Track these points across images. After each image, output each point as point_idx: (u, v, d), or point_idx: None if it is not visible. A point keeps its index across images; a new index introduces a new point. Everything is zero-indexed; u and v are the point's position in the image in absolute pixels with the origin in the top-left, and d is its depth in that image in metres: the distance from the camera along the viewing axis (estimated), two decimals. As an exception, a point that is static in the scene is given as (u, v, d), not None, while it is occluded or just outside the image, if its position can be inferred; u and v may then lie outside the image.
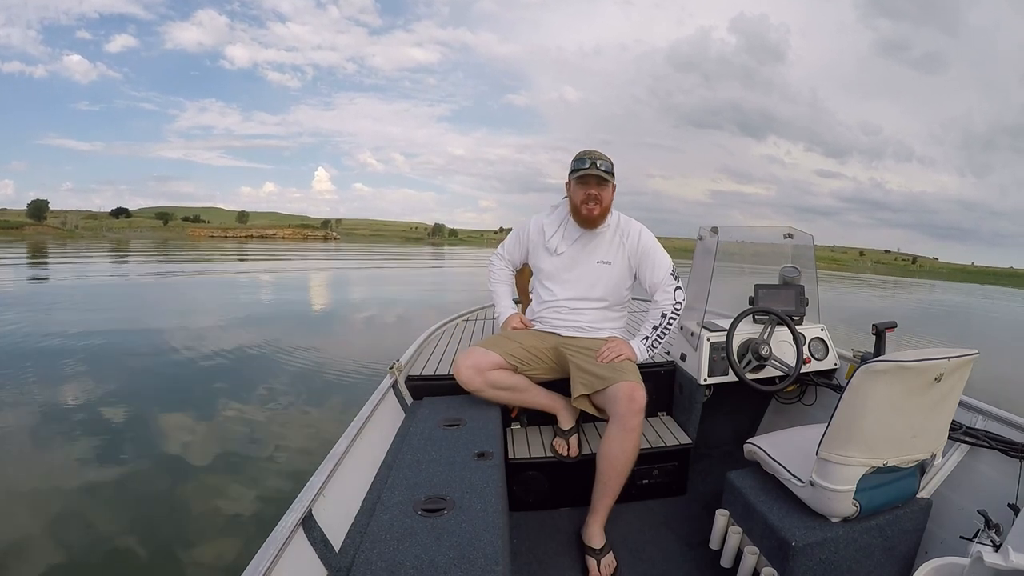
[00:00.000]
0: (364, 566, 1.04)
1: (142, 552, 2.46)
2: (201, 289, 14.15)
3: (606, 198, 1.82)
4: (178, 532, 2.64)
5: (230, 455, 3.53)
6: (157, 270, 18.98)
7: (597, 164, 1.77)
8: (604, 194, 1.81)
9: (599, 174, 1.77)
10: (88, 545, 2.49)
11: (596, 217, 1.85)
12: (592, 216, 1.84)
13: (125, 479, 3.14)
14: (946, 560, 1.18)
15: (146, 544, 2.52)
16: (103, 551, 2.45)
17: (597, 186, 1.79)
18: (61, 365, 5.43)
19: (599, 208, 1.82)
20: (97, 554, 2.43)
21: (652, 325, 1.88)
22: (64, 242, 51.08)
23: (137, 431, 3.81)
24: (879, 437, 1.27)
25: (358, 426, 1.53)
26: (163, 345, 6.46)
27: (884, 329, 1.94)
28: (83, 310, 9.02)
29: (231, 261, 26.09)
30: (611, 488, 1.66)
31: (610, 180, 1.80)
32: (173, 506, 2.88)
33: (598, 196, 1.80)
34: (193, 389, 4.92)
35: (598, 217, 1.85)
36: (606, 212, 1.86)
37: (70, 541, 2.51)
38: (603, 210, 1.84)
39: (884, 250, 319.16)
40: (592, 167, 1.77)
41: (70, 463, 3.31)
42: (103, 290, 12.77)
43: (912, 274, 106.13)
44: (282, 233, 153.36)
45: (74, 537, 2.54)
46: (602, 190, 1.80)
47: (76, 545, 2.48)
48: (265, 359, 6.09)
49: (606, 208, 1.85)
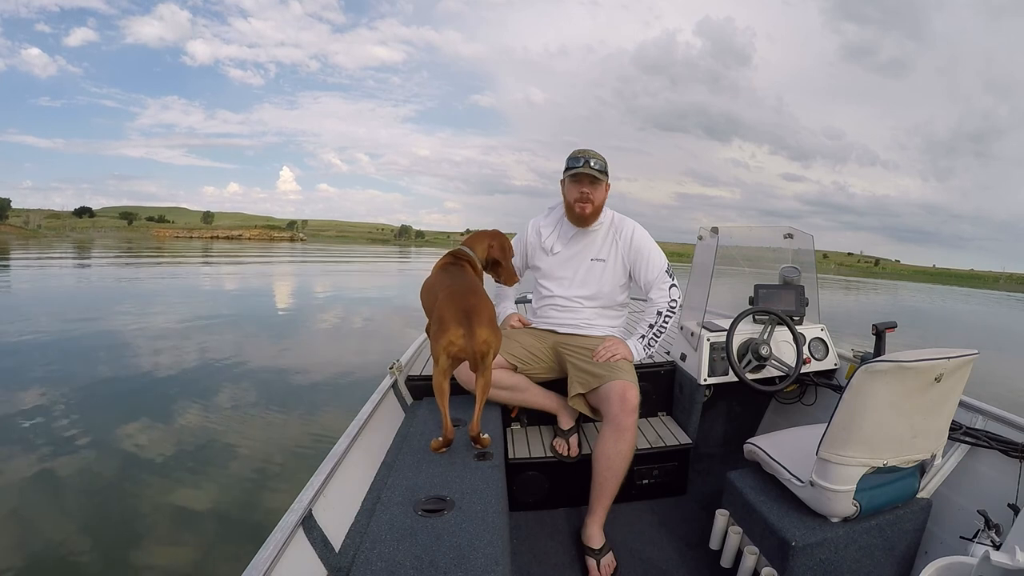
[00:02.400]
0: (364, 566, 1.04)
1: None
2: (203, 292, 14.15)
3: (598, 197, 1.85)
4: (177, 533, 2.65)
5: (232, 454, 3.54)
6: (154, 272, 18.97)
7: (591, 163, 1.79)
8: (596, 193, 1.84)
9: (592, 173, 1.79)
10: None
11: (588, 215, 1.87)
12: (584, 214, 1.86)
13: (128, 476, 3.15)
14: (952, 559, 1.18)
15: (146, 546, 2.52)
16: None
17: (590, 185, 1.82)
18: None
19: (591, 206, 1.85)
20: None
21: (648, 324, 1.89)
22: (27, 242, 49.65)
23: (101, 439, 3.71)
24: (879, 437, 1.27)
25: (358, 426, 1.53)
26: (157, 348, 6.44)
27: (884, 329, 1.94)
28: (105, 311, 9.01)
29: (218, 263, 25.39)
30: (608, 489, 1.67)
31: (602, 179, 1.83)
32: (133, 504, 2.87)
33: (590, 195, 1.83)
34: (200, 388, 4.92)
35: (590, 216, 1.88)
36: (598, 211, 1.89)
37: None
38: (595, 208, 1.86)
39: (848, 253, 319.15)
40: (585, 165, 1.79)
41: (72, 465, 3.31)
42: (107, 291, 12.75)
43: (875, 275, 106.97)
44: (248, 234, 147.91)
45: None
46: (594, 189, 1.83)
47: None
48: (269, 359, 6.10)
49: (598, 207, 1.87)
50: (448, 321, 1.41)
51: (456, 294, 1.49)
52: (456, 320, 1.40)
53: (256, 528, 2.64)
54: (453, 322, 1.40)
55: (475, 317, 1.42)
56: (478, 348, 1.40)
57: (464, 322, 1.40)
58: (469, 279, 1.61)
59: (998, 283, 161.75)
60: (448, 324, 1.40)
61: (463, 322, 1.40)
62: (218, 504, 2.93)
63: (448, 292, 1.50)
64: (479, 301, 1.48)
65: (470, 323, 1.40)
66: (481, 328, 1.41)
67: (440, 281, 1.60)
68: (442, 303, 1.47)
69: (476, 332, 1.40)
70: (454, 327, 1.39)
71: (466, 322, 1.40)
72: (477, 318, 1.42)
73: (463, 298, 1.47)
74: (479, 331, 1.40)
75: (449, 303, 1.45)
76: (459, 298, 1.47)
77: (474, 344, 1.40)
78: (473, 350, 1.41)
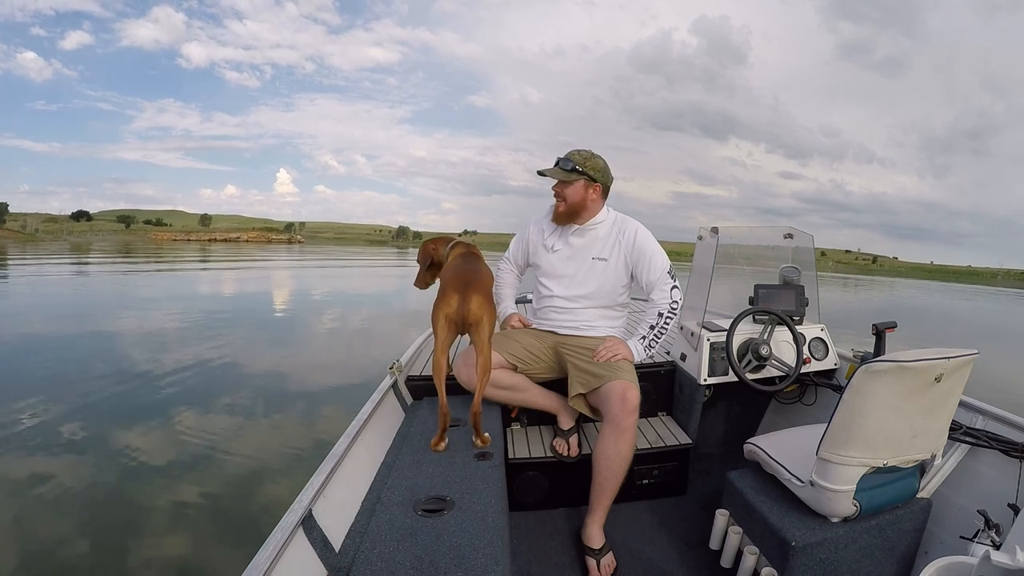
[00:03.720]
0: (364, 566, 1.04)
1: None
2: (202, 293, 14.14)
3: (570, 195, 1.87)
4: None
5: (232, 455, 3.54)
6: (153, 274, 18.94)
7: (560, 164, 1.86)
8: (568, 191, 1.87)
9: (554, 173, 1.86)
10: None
11: (562, 213, 1.91)
12: (558, 212, 1.91)
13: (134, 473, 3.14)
14: (952, 559, 1.18)
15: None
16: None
17: (560, 184, 1.87)
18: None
19: (564, 204, 1.89)
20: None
21: (649, 325, 1.88)
22: (25, 246, 49.66)
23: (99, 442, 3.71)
24: (879, 437, 1.27)
25: (358, 426, 1.53)
26: (170, 353, 6.45)
27: (884, 329, 1.94)
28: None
29: (216, 269, 24.84)
30: (608, 489, 1.67)
31: (573, 178, 1.85)
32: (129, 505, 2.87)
33: (561, 192, 1.88)
34: (206, 392, 4.92)
35: (564, 214, 1.90)
36: (574, 209, 1.89)
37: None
38: (568, 206, 1.89)
39: (845, 250, 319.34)
40: (555, 165, 1.87)
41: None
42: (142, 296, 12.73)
43: (872, 273, 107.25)
44: (246, 236, 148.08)
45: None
46: (564, 187, 1.87)
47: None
48: (278, 361, 6.10)
49: (572, 204, 1.88)
50: (448, 289, 1.59)
51: (462, 271, 1.69)
52: (454, 288, 1.58)
53: (256, 529, 2.65)
54: (451, 289, 1.58)
55: (472, 287, 1.59)
56: (472, 313, 1.55)
57: (461, 290, 1.57)
58: (477, 265, 1.76)
59: (996, 279, 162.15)
60: (447, 291, 1.58)
61: (460, 290, 1.57)
62: (217, 505, 2.93)
63: (457, 270, 1.70)
64: (479, 277, 1.66)
65: (466, 291, 1.57)
66: (476, 295, 1.57)
67: (458, 265, 1.76)
68: (447, 277, 1.67)
69: (470, 298, 1.56)
70: (451, 293, 1.57)
71: (463, 290, 1.57)
72: (473, 287, 1.59)
73: (466, 273, 1.66)
74: (473, 298, 1.56)
75: (453, 277, 1.65)
76: (463, 273, 1.66)
77: (468, 309, 1.55)
78: (466, 314, 1.55)
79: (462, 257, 1.82)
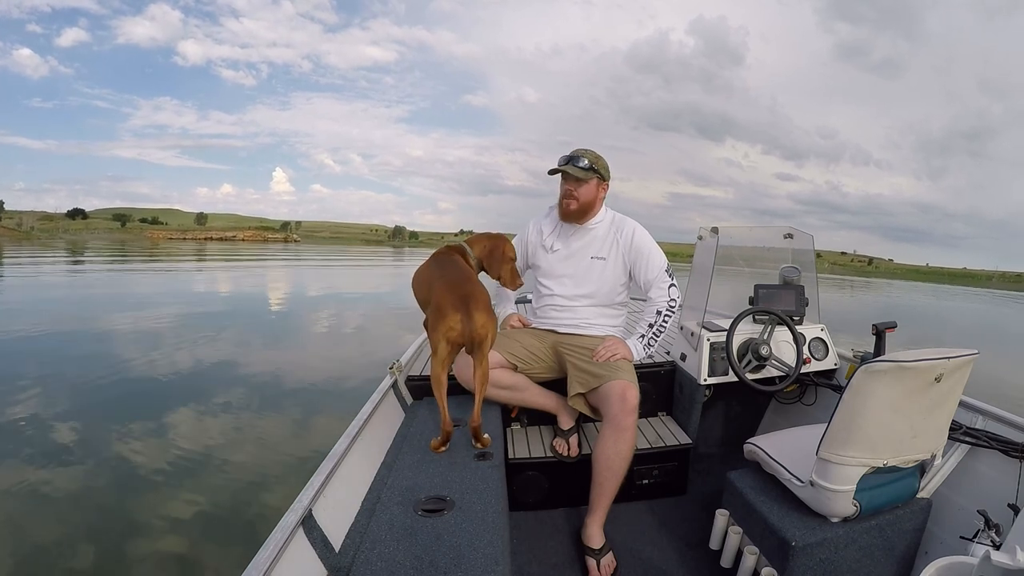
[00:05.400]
0: (364, 566, 1.04)
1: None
2: (200, 294, 14.13)
3: (584, 194, 1.87)
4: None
5: (231, 456, 3.53)
6: (150, 274, 18.92)
7: (575, 163, 1.83)
8: (580, 191, 1.86)
9: (572, 171, 1.84)
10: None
11: (573, 212, 1.89)
12: (569, 211, 1.90)
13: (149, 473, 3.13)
14: (952, 559, 1.18)
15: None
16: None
17: (574, 182, 1.86)
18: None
19: (576, 203, 1.87)
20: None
21: (648, 323, 1.89)
22: (20, 244, 49.38)
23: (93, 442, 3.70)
24: (879, 437, 1.27)
25: (358, 426, 1.53)
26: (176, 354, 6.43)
27: (884, 329, 1.94)
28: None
29: (212, 269, 24.66)
30: (608, 489, 1.67)
31: (586, 178, 1.85)
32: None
33: (574, 191, 1.86)
34: (203, 392, 4.91)
35: (575, 212, 1.90)
36: (586, 208, 1.90)
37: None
38: (580, 205, 1.88)
39: (841, 252, 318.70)
40: (569, 164, 1.84)
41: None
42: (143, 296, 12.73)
43: (868, 274, 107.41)
44: (242, 235, 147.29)
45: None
46: (578, 187, 1.86)
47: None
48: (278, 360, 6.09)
49: (585, 203, 1.88)
50: (446, 307, 1.45)
51: (453, 283, 1.53)
52: (454, 306, 1.45)
53: (255, 529, 2.64)
54: (451, 308, 1.44)
55: (472, 303, 1.46)
56: (477, 332, 1.45)
57: (462, 307, 1.44)
58: (461, 268, 1.65)
59: (991, 281, 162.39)
60: (446, 310, 1.44)
61: (460, 307, 1.44)
62: (217, 506, 2.92)
63: (444, 282, 1.55)
64: (475, 288, 1.52)
65: (468, 308, 1.45)
66: (479, 313, 1.45)
67: (432, 273, 1.64)
68: (439, 292, 1.51)
69: (474, 317, 1.44)
70: (452, 312, 1.44)
71: (464, 308, 1.44)
72: (475, 303, 1.46)
73: (460, 286, 1.52)
74: (477, 315, 1.45)
75: (447, 291, 1.50)
76: (456, 286, 1.51)
77: (473, 328, 1.44)
78: (472, 334, 1.45)
79: (439, 263, 1.68)
